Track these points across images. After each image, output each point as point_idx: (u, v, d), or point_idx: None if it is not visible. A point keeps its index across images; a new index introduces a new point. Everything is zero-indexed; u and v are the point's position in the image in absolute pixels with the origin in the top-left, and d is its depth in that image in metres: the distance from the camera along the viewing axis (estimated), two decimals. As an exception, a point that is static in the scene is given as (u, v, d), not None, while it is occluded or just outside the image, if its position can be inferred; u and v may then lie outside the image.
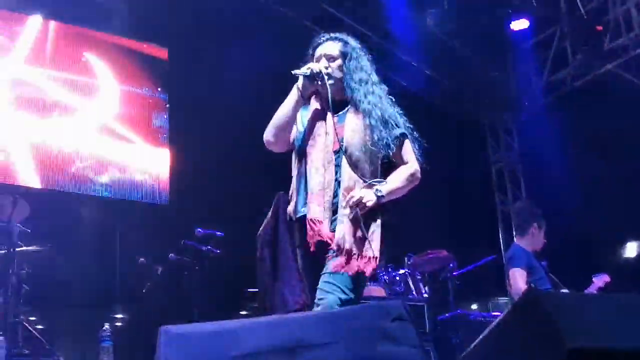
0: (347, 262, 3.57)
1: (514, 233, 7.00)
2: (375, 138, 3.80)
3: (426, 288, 7.59)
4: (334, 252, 3.60)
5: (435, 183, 9.69)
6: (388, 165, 3.90)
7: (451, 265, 7.70)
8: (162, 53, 9.99)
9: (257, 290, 3.96)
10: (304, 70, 3.90)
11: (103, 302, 8.67)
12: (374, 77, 4.07)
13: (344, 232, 3.60)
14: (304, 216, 3.71)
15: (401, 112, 4.07)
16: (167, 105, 9.85)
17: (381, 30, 10.02)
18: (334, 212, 3.69)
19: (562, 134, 10.15)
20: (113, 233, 9.12)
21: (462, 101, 11.68)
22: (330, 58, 4.02)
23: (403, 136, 3.96)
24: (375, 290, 7.13)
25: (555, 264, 6.63)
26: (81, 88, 9.26)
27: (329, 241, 3.61)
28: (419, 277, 7.57)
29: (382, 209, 3.76)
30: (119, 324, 8.65)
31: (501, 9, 10.01)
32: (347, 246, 3.58)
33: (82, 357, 7.37)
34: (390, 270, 7.54)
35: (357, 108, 3.89)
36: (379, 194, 3.72)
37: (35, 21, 9.03)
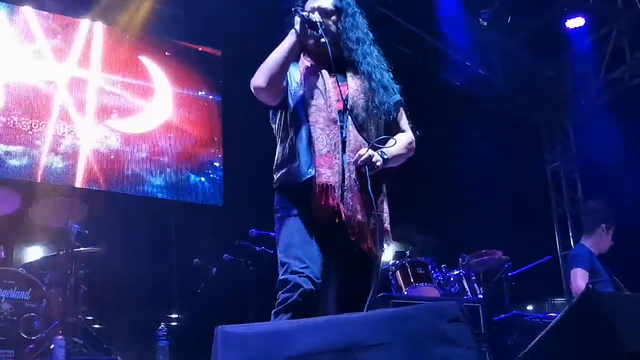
0: (370, 239, 3.41)
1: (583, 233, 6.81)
2: (377, 101, 3.59)
3: (481, 289, 7.51)
4: (350, 227, 3.39)
5: (490, 183, 9.68)
6: (386, 132, 3.65)
7: (506, 265, 7.60)
8: (216, 55, 10.09)
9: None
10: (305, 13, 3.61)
11: (159, 302, 8.76)
12: (370, 36, 3.77)
13: (357, 204, 3.41)
14: (311, 179, 3.42)
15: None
16: (221, 108, 9.94)
17: (434, 31, 9.96)
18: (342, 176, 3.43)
19: (619, 133, 9.96)
20: (168, 234, 9.21)
21: (517, 101, 11.54)
22: (324, 13, 3.70)
23: (401, 103, 3.76)
24: (429, 290, 7.08)
25: (616, 268, 6.50)
26: (137, 91, 9.39)
27: (345, 215, 3.39)
28: (473, 277, 7.48)
29: (384, 175, 3.57)
30: (174, 323, 8.75)
31: (556, 7, 9.86)
32: (360, 219, 3.40)
33: (139, 356, 7.43)
34: (444, 270, 7.48)
35: (355, 69, 3.66)
36: (385, 156, 3.49)
37: (88, 25, 9.19)
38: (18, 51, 8.66)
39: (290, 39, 3.57)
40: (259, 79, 3.51)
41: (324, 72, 3.61)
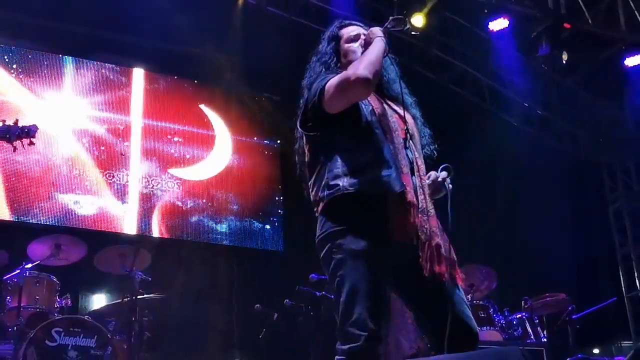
0: (445, 264, 3.27)
1: None
2: (422, 134, 3.57)
3: (544, 332, 7.40)
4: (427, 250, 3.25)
5: (552, 224, 9.57)
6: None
7: (570, 308, 7.48)
8: (274, 102, 10.23)
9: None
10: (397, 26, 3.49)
11: (222, 348, 8.81)
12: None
13: (434, 227, 3.30)
14: (401, 194, 3.24)
15: None
16: (280, 153, 10.05)
17: (491, 72, 9.98)
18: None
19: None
20: (230, 280, 9.29)
21: (577, 141, 11.45)
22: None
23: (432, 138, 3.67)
24: (491, 334, 7.01)
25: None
26: (198, 139, 9.57)
27: (425, 236, 3.25)
28: (536, 320, 7.38)
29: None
30: (237, 369, 8.79)
31: (614, 45, 9.79)
32: (438, 241, 3.28)
33: (203, 401, 7.50)
34: (506, 313, 7.40)
35: (397, 100, 3.54)
36: (449, 187, 3.45)
37: (140, 75, 9.52)
38: (83, 102, 8.92)
39: (382, 44, 3.39)
40: (368, 71, 3.24)
41: (376, 96, 3.50)
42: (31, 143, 4.56)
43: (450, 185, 3.44)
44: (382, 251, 3.19)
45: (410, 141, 3.41)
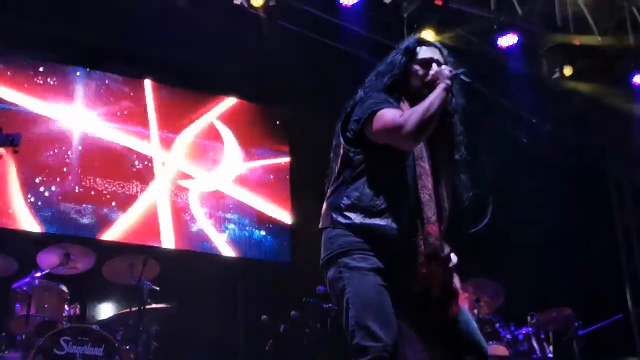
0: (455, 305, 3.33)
1: None
2: (460, 180, 3.48)
3: (550, 347, 7.41)
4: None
5: (559, 241, 9.57)
6: None
7: (576, 324, 7.49)
8: (284, 114, 10.29)
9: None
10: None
11: (228, 359, 8.83)
12: None
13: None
14: (414, 245, 3.25)
15: None
16: (289, 164, 10.09)
17: (500, 88, 10.00)
18: None
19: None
20: (236, 291, 9.32)
21: (585, 156, 11.43)
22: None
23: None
24: (497, 349, 7.02)
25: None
26: (207, 151, 9.62)
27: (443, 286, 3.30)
28: (542, 336, 7.40)
29: None
30: (243, 381, 8.80)
31: (624, 63, 9.80)
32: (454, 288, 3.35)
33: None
34: (512, 328, 7.41)
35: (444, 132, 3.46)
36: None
37: (156, 86, 9.53)
38: (91, 113, 8.99)
39: (443, 95, 3.27)
40: (417, 129, 3.18)
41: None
42: (15, 151, 4.63)
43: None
44: (388, 271, 3.23)
45: (441, 187, 3.37)
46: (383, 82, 3.50)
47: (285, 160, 10.13)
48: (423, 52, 3.53)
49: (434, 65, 3.47)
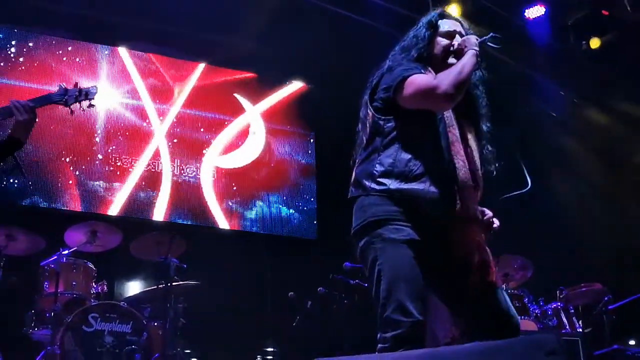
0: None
1: None
2: (485, 150, 3.51)
3: (580, 322, 7.35)
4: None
5: (589, 213, 9.47)
6: None
7: (606, 298, 7.41)
8: (307, 89, 10.24)
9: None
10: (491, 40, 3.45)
11: (255, 336, 8.86)
12: None
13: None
14: (453, 210, 3.25)
15: None
16: (313, 141, 10.06)
17: (527, 60, 9.87)
18: None
19: None
20: (263, 267, 9.33)
21: (613, 127, 11.27)
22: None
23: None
24: (526, 324, 6.97)
25: None
26: (232, 127, 9.61)
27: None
28: (572, 311, 7.34)
29: None
30: (270, 357, 8.82)
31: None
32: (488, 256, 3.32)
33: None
34: (541, 303, 7.36)
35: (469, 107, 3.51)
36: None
37: (172, 63, 9.55)
38: (116, 91, 9.00)
39: (474, 60, 3.32)
40: (454, 88, 3.20)
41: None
42: (90, 105, 4.46)
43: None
44: (422, 243, 3.19)
45: (473, 153, 3.38)
46: (410, 55, 3.50)
47: (311, 136, 10.10)
48: (446, 25, 3.56)
49: (457, 37, 3.51)
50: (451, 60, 3.42)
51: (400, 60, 3.48)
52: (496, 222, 3.44)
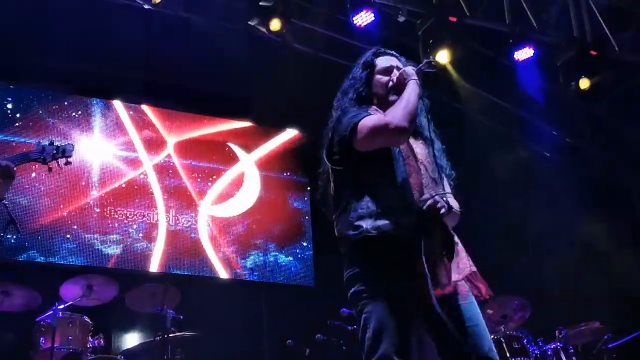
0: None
1: None
2: (444, 166, 3.58)
3: (580, 362, 7.32)
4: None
5: (584, 253, 9.46)
6: None
7: (606, 337, 7.38)
8: (300, 137, 10.28)
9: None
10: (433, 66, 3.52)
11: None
12: None
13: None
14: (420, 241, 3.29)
15: None
16: (308, 188, 10.08)
17: (518, 101, 9.93)
18: None
19: None
20: (260, 315, 9.29)
21: (607, 167, 11.31)
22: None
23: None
24: (526, 365, 6.94)
25: None
26: (226, 177, 9.63)
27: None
28: (571, 350, 7.30)
29: None
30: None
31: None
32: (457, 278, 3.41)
33: None
34: (540, 344, 7.32)
35: (419, 134, 3.59)
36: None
37: (166, 114, 9.62)
38: (111, 143, 9.04)
39: (417, 88, 3.39)
40: (406, 121, 3.27)
41: None
42: (67, 163, 4.50)
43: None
44: (406, 290, 3.23)
45: (437, 177, 3.45)
46: (349, 97, 3.60)
47: (306, 183, 10.12)
48: (382, 62, 3.64)
49: (395, 71, 3.57)
50: (392, 97, 3.49)
51: (344, 106, 3.57)
52: (455, 206, 3.43)
